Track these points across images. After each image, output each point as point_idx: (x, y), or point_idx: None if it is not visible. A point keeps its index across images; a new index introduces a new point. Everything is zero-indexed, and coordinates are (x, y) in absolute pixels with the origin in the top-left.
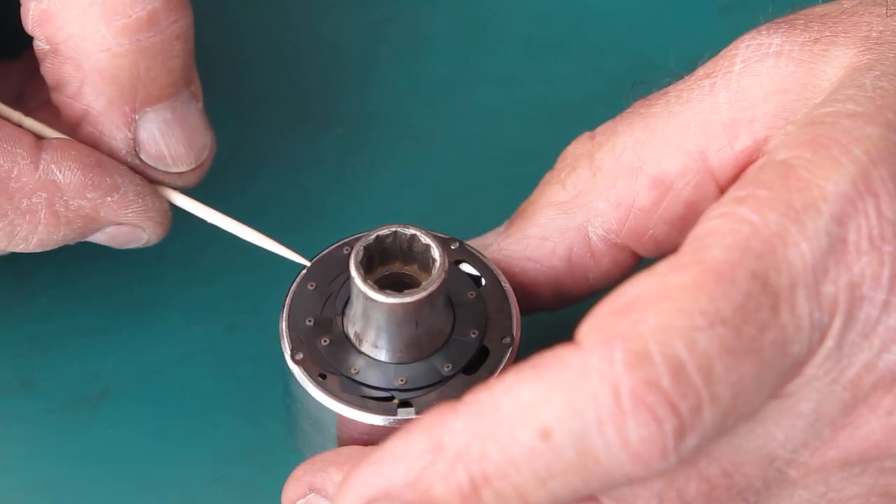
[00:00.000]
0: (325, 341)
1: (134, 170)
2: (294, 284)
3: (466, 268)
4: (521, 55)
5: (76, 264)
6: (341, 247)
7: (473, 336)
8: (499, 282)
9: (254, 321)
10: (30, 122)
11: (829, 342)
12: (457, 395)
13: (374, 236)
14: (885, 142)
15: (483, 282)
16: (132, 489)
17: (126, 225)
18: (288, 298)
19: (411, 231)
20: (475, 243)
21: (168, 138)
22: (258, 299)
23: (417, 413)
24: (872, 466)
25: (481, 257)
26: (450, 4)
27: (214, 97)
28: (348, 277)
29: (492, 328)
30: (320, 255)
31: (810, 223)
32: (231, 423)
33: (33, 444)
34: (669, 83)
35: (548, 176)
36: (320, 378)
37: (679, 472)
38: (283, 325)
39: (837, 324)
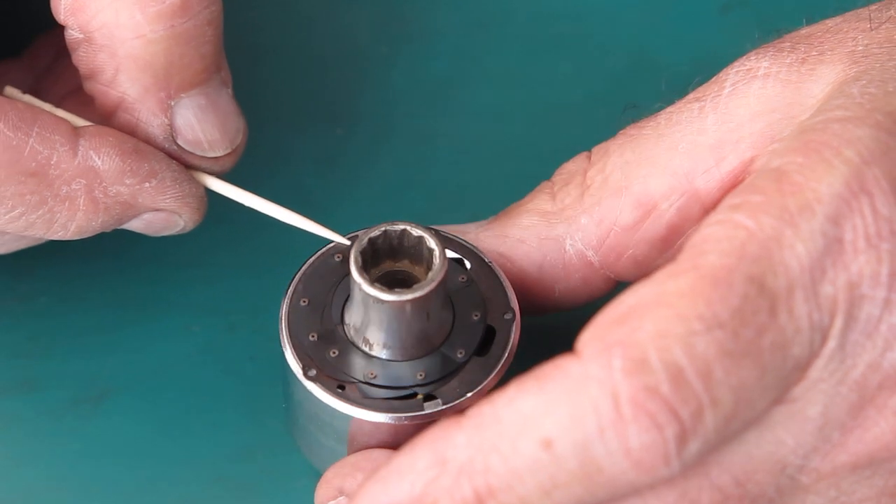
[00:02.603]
0: (333, 353)
1: (171, 156)
2: (285, 305)
3: (449, 253)
4: (522, 55)
5: (76, 264)
6: (324, 257)
7: (476, 318)
8: (484, 261)
9: (254, 321)
10: (61, 114)
11: (832, 343)
12: (475, 378)
13: (366, 239)
14: (876, 142)
15: (468, 264)
16: (132, 489)
17: (163, 211)
18: (284, 320)
19: (401, 226)
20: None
21: (203, 123)
22: (258, 299)
23: (444, 404)
24: (883, 468)
25: (460, 241)
26: (450, 4)
27: None
28: (338, 286)
29: (491, 307)
30: (303, 269)
31: (805, 225)
32: (231, 422)
33: (33, 444)
34: (661, 107)
35: (542, 185)
36: (339, 390)
37: (691, 482)
38: (288, 347)
39: (838, 324)
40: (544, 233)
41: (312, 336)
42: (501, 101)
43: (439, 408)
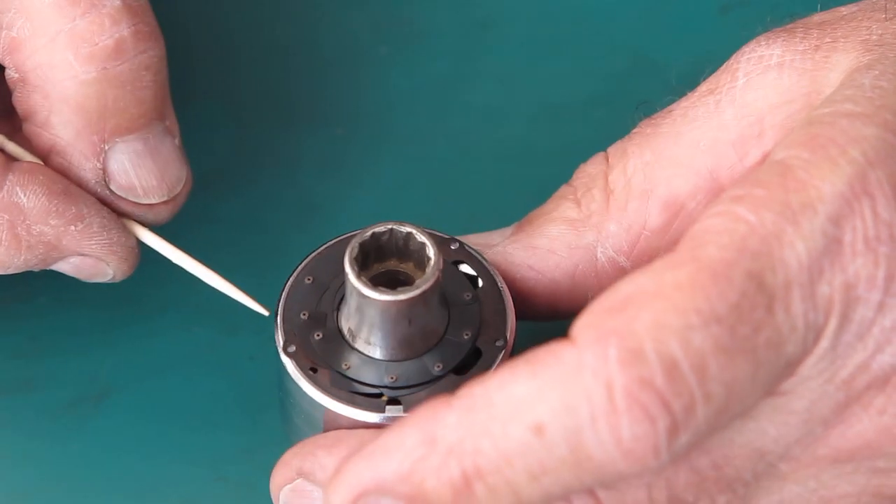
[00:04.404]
0: (318, 336)
1: (103, 201)
2: (291, 278)
3: (464, 268)
4: (521, 55)
5: None
6: (341, 243)
7: (466, 337)
8: (496, 284)
9: (254, 321)
10: (11, 147)
11: (824, 343)
12: (445, 394)
13: (369, 233)
14: (882, 143)
15: (480, 283)
16: (132, 489)
17: (90, 257)
18: (284, 291)
19: (407, 229)
20: (479, 239)
21: (139, 170)
22: (258, 299)
23: (405, 411)
24: (864, 466)
25: (481, 259)
26: (450, 4)
27: (213, 98)
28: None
29: (486, 330)
30: (319, 249)
31: (806, 223)
32: (231, 422)
33: (33, 444)
34: (672, 100)
35: (563, 190)
36: (311, 372)
37: (669, 463)
38: (278, 318)
39: (832, 324)
40: (574, 242)
41: (304, 314)
42: (501, 101)
43: (399, 414)
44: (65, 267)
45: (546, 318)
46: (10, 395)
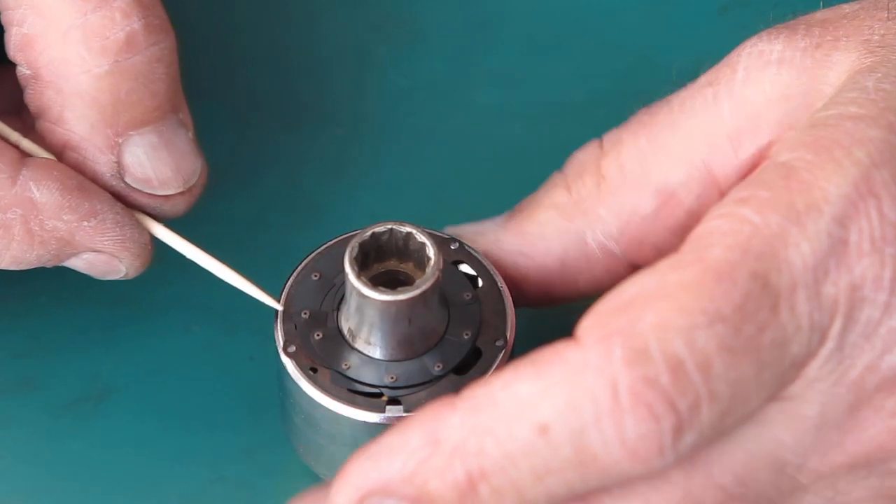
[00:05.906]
0: (318, 335)
1: (119, 195)
2: (291, 278)
3: (464, 268)
4: (521, 55)
5: None
6: (340, 243)
7: (466, 337)
8: (496, 284)
9: (253, 321)
10: (26, 143)
11: (830, 343)
12: (445, 394)
13: (369, 233)
14: (886, 144)
15: (480, 283)
16: (132, 489)
17: (103, 253)
18: (284, 292)
19: (407, 229)
20: (471, 228)
21: (155, 162)
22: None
23: (406, 411)
24: (878, 469)
25: (480, 258)
26: (450, 4)
27: (214, 98)
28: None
29: (486, 330)
30: (319, 250)
31: (811, 224)
32: (231, 422)
33: (32, 444)
34: (672, 91)
35: (555, 177)
36: (311, 372)
37: (695, 481)
38: (278, 318)
39: (837, 325)
40: (563, 227)
41: (305, 313)
42: (501, 101)
43: (399, 414)
44: (77, 263)
45: (540, 304)
46: (10, 395)
